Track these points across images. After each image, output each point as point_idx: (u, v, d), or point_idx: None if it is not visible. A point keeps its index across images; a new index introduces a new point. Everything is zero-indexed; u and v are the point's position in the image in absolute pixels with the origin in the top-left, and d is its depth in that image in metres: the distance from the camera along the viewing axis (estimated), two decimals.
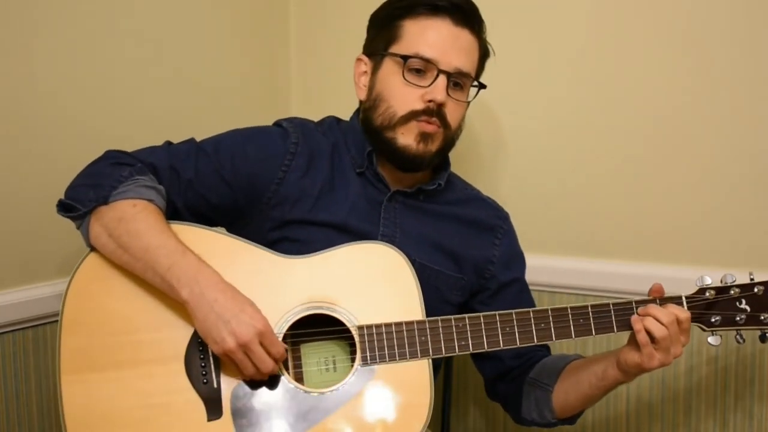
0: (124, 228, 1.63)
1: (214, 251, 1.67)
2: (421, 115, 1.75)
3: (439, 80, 1.75)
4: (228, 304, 1.58)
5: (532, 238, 2.21)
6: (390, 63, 1.79)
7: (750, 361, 2.06)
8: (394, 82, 1.78)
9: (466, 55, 1.78)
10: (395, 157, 1.79)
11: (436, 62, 1.75)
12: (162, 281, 1.61)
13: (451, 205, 1.91)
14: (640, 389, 2.18)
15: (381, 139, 1.79)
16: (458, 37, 1.77)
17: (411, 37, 1.77)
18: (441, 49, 1.75)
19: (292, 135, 1.82)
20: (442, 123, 1.77)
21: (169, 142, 1.82)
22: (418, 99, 1.75)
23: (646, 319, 1.67)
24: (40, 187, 1.87)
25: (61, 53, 1.97)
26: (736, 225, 2.05)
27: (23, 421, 1.95)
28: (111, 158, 1.74)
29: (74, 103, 2.00)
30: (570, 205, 2.24)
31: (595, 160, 2.20)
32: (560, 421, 1.87)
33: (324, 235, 1.77)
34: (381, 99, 1.79)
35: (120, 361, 1.63)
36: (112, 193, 1.66)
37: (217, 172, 1.77)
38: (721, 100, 2.04)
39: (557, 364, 1.87)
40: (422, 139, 1.77)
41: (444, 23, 1.76)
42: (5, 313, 1.90)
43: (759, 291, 1.75)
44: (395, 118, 1.77)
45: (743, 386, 2.06)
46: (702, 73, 2.06)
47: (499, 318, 1.71)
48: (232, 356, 1.58)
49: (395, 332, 1.68)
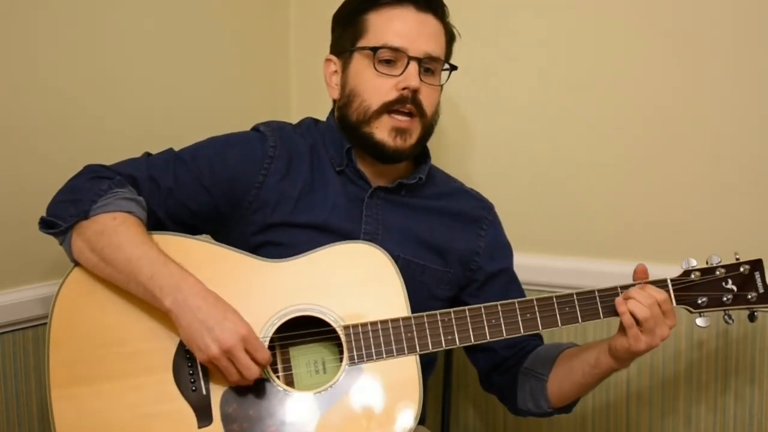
0: (106, 241, 1.64)
1: (197, 259, 1.68)
2: (396, 104, 1.76)
3: (411, 67, 1.75)
4: (211, 311, 1.59)
5: (531, 238, 2.23)
6: (359, 58, 1.80)
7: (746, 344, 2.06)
8: (366, 76, 1.78)
9: (434, 39, 1.79)
10: (374, 152, 1.80)
11: (405, 50, 1.76)
12: (145, 291, 1.62)
13: (434, 199, 1.91)
14: (640, 380, 2.18)
15: (358, 135, 1.80)
16: (424, 23, 1.78)
17: (377, 29, 1.78)
18: (408, 37, 1.76)
19: (270, 139, 1.83)
20: (418, 110, 1.77)
21: (148, 153, 1.83)
22: (392, 88, 1.76)
23: (628, 302, 1.67)
24: (40, 188, 1.85)
25: (60, 54, 1.98)
26: (730, 224, 2.06)
27: (23, 421, 1.96)
28: (90, 173, 1.74)
29: (71, 104, 2.01)
30: (569, 205, 2.24)
31: (595, 161, 2.20)
32: (556, 410, 1.87)
33: (307, 236, 1.77)
34: (354, 94, 1.80)
35: (109, 373, 1.64)
36: (92, 207, 1.67)
37: (196, 180, 1.77)
38: (715, 99, 2.04)
39: (551, 353, 1.87)
40: (398, 134, 1.77)
41: (408, 11, 1.78)
42: (5, 313, 1.91)
43: (745, 270, 1.75)
44: (369, 112, 1.77)
45: (743, 369, 2.07)
46: (696, 71, 2.06)
47: (485, 310, 1.72)
48: (216, 363, 1.59)
49: (381, 330, 1.69)
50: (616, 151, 2.17)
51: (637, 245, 2.15)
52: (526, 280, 1.99)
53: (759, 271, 1.76)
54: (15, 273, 1.94)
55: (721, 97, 2.04)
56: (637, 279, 1.75)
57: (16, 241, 1.93)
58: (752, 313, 1.77)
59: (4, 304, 1.92)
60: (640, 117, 2.13)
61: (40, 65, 1.94)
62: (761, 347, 2.05)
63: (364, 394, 1.67)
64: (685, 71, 2.07)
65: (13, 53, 1.90)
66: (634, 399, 2.20)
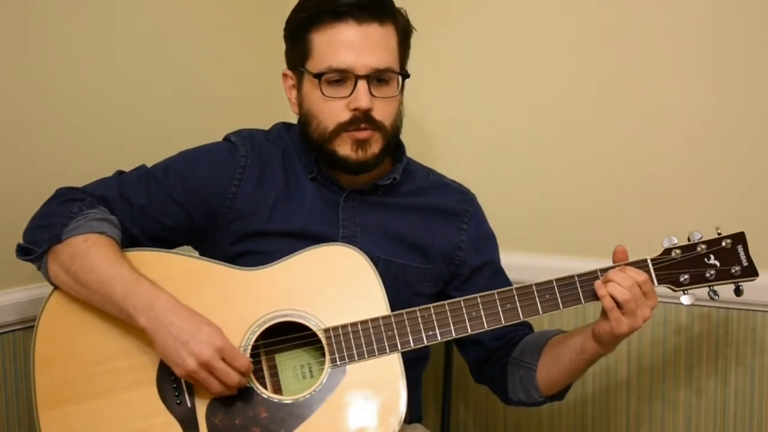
0: (79, 263, 1.65)
1: (172, 273, 1.69)
2: (350, 125, 1.74)
3: (359, 86, 1.72)
4: (185, 325, 1.59)
5: (521, 237, 2.23)
6: (308, 80, 1.78)
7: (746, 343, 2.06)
8: (317, 99, 1.76)
9: (381, 50, 1.74)
10: (340, 167, 1.79)
11: (351, 69, 1.72)
12: (120, 311, 1.63)
13: (412, 196, 1.90)
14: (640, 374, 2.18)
15: (323, 152, 1.79)
16: (368, 36, 1.74)
17: (320, 52, 1.75)
18: (352, 55, 1.72)
19: (241, 148, 1.83)
20: (373, 126, 1.75)
21: (120, 171, 1.84)
22: (344, 109, 1.74)
23: (608, 285, 1.66)
24: (40, 188, 1.85)
25: (57, 56, 1.99)
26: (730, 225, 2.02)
27: (23, 421, 1.97)
28: (61, 196, 1.76)
29: (70, 105, 2.02)
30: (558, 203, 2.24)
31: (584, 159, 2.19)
32: (548, 398, 1.86)
33: (284, 244, 1.77)
34: (310, 115, 1.78)
35: (95, 391, 1.66)
36: (63, 230, 1.69)
37: (169, 196, 1.78)
38: (712, 98, 2.04)
39: (538, 341, 1.86)
40: (359, 146, 1.75)
41: (349, 27, 1.73)
42: (5, 313, 1.92)
43: (727, 244, 1.73)
44: (327, 133, 1.76)
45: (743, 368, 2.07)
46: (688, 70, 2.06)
47: (464, 303, 1.71)
48: (195, 376, 1.60)
49: (361, 330, 1.69)
50: (605, 148, 2.16)
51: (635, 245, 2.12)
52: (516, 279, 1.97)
53: (742, 245, 1.74)
54: (15, 273, 1.94)
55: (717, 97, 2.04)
56: (616, 261, 1.73)
57: (13, 241, 1.93)
58: (737, 287, 1.74)
59: (4, 304, 1.93)
60: (643, 118, 2.12)
61: (37, 66, 1.95)
62: (761, 347, 2.04)
63: (348, 396, 1.67)
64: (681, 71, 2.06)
65: (12, 53, 1.91)
66: (633, 397, 2.19)
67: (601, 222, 2.19)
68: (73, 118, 2.03)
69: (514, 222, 2.21)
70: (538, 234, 2.26)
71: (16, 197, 1.92)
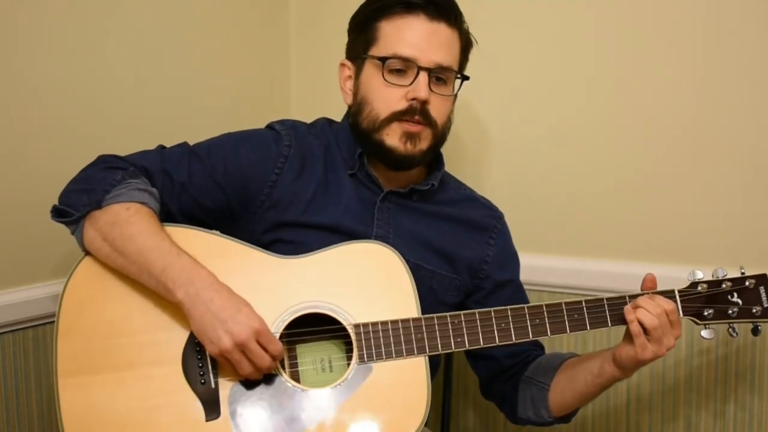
0: (118, 231, 1.63)
1: (209, 252, 1.68)
2: (405, 114, 1.76)
3: (421, 77, 1.75)
4: (224, 304, 1.58)
5: (532, 239, 2.23)
6: (370, 66, 1.80)
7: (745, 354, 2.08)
8: (376, 85, 1.78)
9: (445, 49, 1.78)
10: (385, 158, 1.80)
11: (415, 60, 1.75)
12: (157, 283, 1.61)
13: (445, 205, 1.92)
14: (640, 386, 2.19)
15: (370, 142, 1.80)
16: (435, 32, 1.77)
17: (388, 38, 1.77)
18: (419, 46, 1.75)
19: (285, 138, 1.83)
20: (427, 120, 1.77)
21: (162, 146, 1.83)
22: (401, 98, 1.76)
23: (637, 311, 1.69)
24: (40, 187, 1.87)
25: (58, 54, 1.98)
26: (730, 225, 2.07)
27: (23, 421, 1.95)
28: (103, 162, 1.74)
29: (72, 103, 2.01)
30: (570, 206, 2.25)
31: (600, 162, 2.21)
32: (556, 419, 1.88)
33: (318, 237, 1.77)
34: (365, 102, 1.80)
35: (117, 363, 1.63)
36: (105, 197, 1.67)
37: (210, 176, 1.78)
38: (717, 101, 2.06)
39: (552, 362, 1.88)
40: (408, 139, 1.77)
41: (419, 20, 1.76)
42: (5, 313, 1.90)
43: (750, 284, 1.78)
44: (378, 120, 1.77)
45: (743, 379, 2.08)
46: (699, 72, 2.08)
47: (495, 314, 1.72)
48: (228, 356, 1.58)
49: (391, 330, 1.69)
50: (620, 152, 2.18)
51: (636, 245, 2.17)
52: (532, 280, 1.99)
53: (764, 286, 1.78)
54: (15, 273, 1.94)
55: (724, 100, 2.06)
56: (645, 288, 1.76)
57: (16, 241, 1.92)
58: (756, 327, 1.79)
59: (4, 304, 1.90)
60: (647, 120, 2.14)
61: (40, 65, 1.94)
62: (762, 354, 2.06)
63: (372, 393, 1.66)
64: (691, 73, 2.08)
65: (13, 53, 1.90)
66: (634, 404, 2.20)
67: (606, 223, 2.21)
68: (74, 118, 2.02)
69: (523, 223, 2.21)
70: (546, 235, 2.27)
71: (17, 197, 1.91)
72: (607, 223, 2.21)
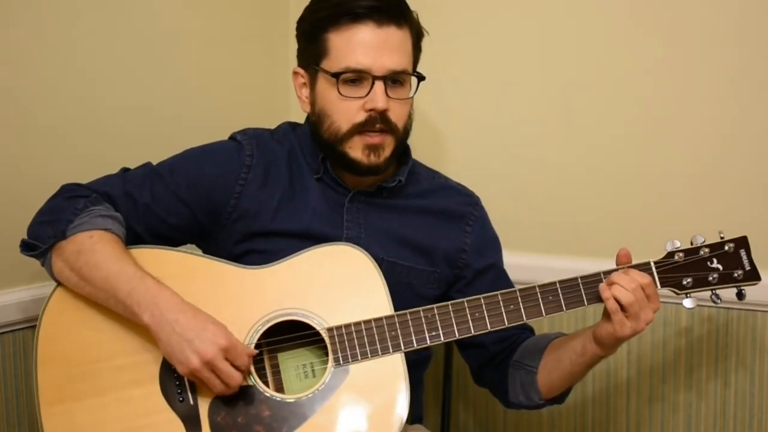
0: (84, 260, 1.65)
1: (178, 271, 1.69)
2: (365, 126, 1.74)
3: (376, 87, 1.73)
4: (189, 323, 1.59)
5: (531, 239, 2.24)
6: (323, 79, 1.78)
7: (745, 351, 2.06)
8: (332, 98, 1.76)
9: (398, 52, 1.75)
10: (350, 169, 1.79)
11: (369, 70, 1.73)
12: (124, 308, 1.63)
13: (417, 198, 1.90)
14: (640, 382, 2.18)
15: (333, 153, 1.79)
16: (386, 39, 1.74)
17: (338, 51, 1.75)
18: (371, 56, 1.73)
19: (246, 148, 1.83)
20: (388, 127, 1.76)
21: (125, 168, 1.84)
22: (359, 110, 1.74)
23: (612, 287, 1.67)
24: (40, 187, 1.85)
25: (59, 55, 1.99)
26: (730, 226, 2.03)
27: (23, 421, 1.97)
28: (66, 192, 1.76)
29: (70, 105, 2.02)
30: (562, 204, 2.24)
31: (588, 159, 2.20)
32: (548, 401, 1.86)
33: (289, 244, 1.77)
34: (324, 114, 1.78)
35: (97, 388, 1.65)
36: (68, 227, 1.69)
37: (174, 194, 1.78)
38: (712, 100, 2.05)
39: (539, 344, 1.87)
40: (371, 151, 1.76)
41: (368, 28, 1.73)
42: (5, 313, 1.91)
43: (730, 249, 1.74)
44: (340, 134, 1.76)
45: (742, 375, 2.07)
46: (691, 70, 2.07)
47: (468, 304, 1.71)
48: (198, 375, 1.59)
49: (365, 330, 1.69)
50: (620, 153, 2.17)
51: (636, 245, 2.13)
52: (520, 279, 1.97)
53: (744, 249, 1.75)
54: (15, 273, 1.94)
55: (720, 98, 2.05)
56: (619, 263, 1.74)
57: (15, 240, 1.93)
58: (740, 291, 1.75)
59: (4, 304, 1.92)
60: (634, 117, 2.13)
61: (39, 65, 1.95)
62: (761, 346, 2.04)
63: (351, 395, 1.67)
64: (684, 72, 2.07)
65: (13, 53, 1.91)
66: (633, 398, 2.19)
67: (605, 223, 2.19)
68: (75, 117, 2.03)
69: (519, 223, 2.22)
70: (543, 235, 2.26)
71: (17, 197, 1.92)
72: (606, 223, 2.19)
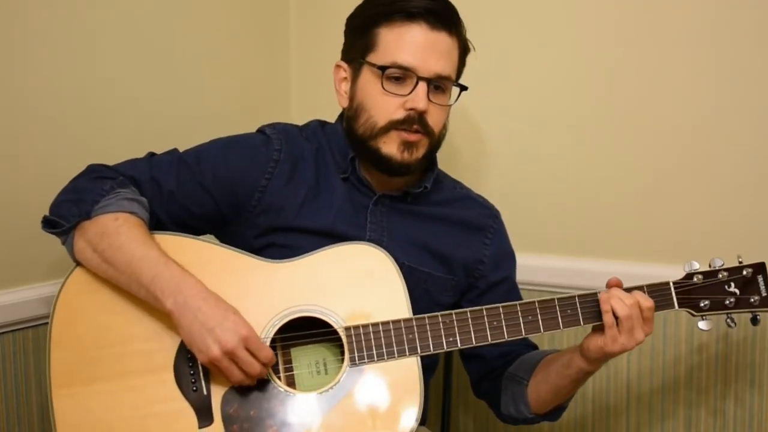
0: (107, 242, 1.64)
1: (198, 260, 1.69)
2: (402, 124, 1.74)
3: (419, 87, 1.73)
4: (211, 312, 1.59)
5: (532, 239, 2.22)
6: (368, 72, 1.77)
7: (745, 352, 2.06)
8: (374, 92, 1.76)
9: (445, 58, 1.75)
10: (381, 165, 1.79)
11: (415, 69, 1.73)
12: (147, 293, 1.62)
13: (439, 206, 1.90)
14: (640, 385, 2.18)
15: (365, 148, 1.78)
16: (436, 42, 1.74)
17: (388, 46, 1.75)
18: (419, 56, 1.73)
19: (275, 142, 1.82)
20: (424, 129, 1.75)
21: (152, 153, 1.83)
22: (399, 108, 1.74)
23: (612, 299, 1.67)
24: (39, 187, 1.86)
25: (58, 55, 1.98)
26: (731, 224, 2.06)
27: (23, 421, 1.96)
28: (92, 172, 1.75)
29: (70, 105, 2.01)
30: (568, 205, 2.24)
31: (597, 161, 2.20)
32: (538, 416, 1.86)
33: (310, 241, 1.76)
34: (362, 108, 1.78)
35: (110, 373, 1.65)
36: (93, 207, 1.68)
37: (199, 183, 1.78)
38: (719, 100, 2.05)
39: (534, 357, 1.87)
40: (406, 148, 1.75)
41: (420, 29, 1.73)
42: (5, 313, 1.91)
43: (748, 273, 1.75)
44: (376, 128, 1.76)
45: (743, 377, 2.07)
46: (695, 72, 2.07)
47: (486, 312, 1.71)
48: (217, 364, 1.59)
49: (382, 331, 1.68)
50: (620, 152, 2.17)
51: (638, 245, 2.16)
52: (532, 280, 1.98)
53: (762, 275, 1.76)
54: (15, 273, 1.94)
55: (724, 98, 2.04)
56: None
57: (16, 240, 1.93)
58: (755, 316, 1.76)
59: (4, 304, 1.91)
60: (643, 119, 2.13)
61: (40, 65, 1.95)
62: (761, 350, 2.04)
63: (365, 395, 1.66)
64: (687, 73, 2.07)
65: (13, 53, 1.90)
66: (634, 402, 2.19)
67: (608, 223, 2.19)
68: (75, 117, 2.02)
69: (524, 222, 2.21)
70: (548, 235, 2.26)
71: (17, 197, 1.92)
72: (606, 223, 2.20)
